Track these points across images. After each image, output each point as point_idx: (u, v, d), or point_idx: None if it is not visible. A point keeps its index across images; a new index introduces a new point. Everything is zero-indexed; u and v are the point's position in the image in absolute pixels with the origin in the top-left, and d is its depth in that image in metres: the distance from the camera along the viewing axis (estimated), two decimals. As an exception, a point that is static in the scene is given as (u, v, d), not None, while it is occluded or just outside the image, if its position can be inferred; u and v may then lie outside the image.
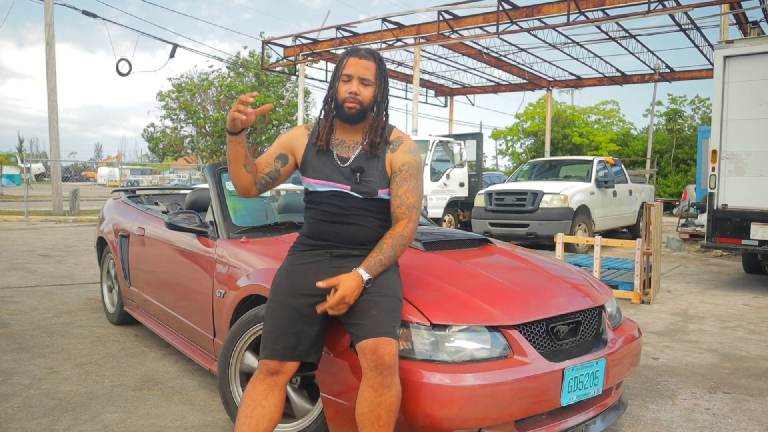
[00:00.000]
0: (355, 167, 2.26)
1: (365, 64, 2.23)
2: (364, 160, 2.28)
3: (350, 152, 2.29)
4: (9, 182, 44.15)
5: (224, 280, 2.98)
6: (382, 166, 2.29)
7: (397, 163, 2.30)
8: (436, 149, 12.26)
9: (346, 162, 2.28)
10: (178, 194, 5.73)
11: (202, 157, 24.24)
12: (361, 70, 2.22)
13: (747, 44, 6.68)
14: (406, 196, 2.28)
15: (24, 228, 12.93)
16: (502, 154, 34.98)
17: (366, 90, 2.23)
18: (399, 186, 2.29)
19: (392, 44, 15.01)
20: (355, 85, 2.21)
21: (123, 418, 2.90)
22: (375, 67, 2.24)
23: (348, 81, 2.23)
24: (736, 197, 6.59)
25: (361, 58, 2.23)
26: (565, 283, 2.74)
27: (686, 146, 25.84)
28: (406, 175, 2.29)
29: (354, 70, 2.22)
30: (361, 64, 2.22)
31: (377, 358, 2.02)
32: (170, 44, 17.18)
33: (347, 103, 2.22)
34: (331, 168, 2.28)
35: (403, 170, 2.29)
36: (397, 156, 2.30)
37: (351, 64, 2.23)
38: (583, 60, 17.04)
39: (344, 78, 2.23)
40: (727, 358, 4.11)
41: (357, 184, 2.25)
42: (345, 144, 2.31)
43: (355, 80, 2.22)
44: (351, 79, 2.22)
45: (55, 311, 5.07)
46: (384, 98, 2.29)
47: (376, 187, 2.27)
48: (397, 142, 2.33)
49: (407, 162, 2.30)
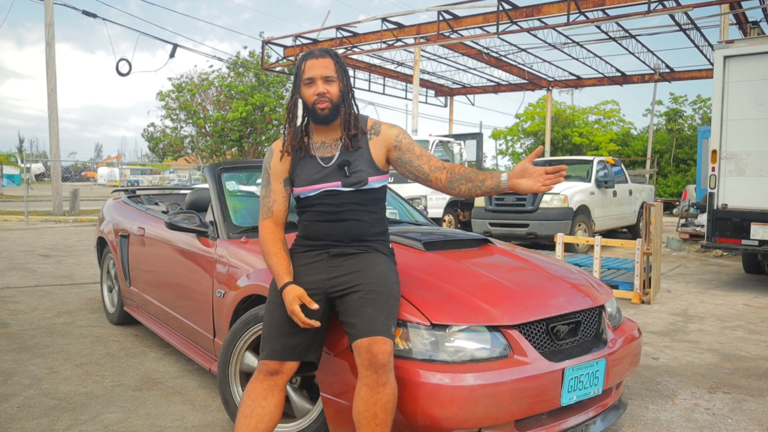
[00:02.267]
0: (341, 162, 2.27)
1: (323, 62, 2.23)
2: (348, 153, 2.28)
3: (333, 150, 2.30)
4: (9, 182, 44.16)
5: (224, 280, 2.98)
6: (368, 154, 2.30)
7: (391, 138, 2.32)
8: (436, 149, 12.26)
9: (330, 161, 2.28)
10: (178, 194, 5.73)
11: (202, 157, 24.23)
12: (321, 70, 2.22)
13: (747, 44, 6.68)
14: (427, 157, 2.33)
15: (24, 228, 12.93)
16: (502, 154, 35.00)
17: (332, 87, 2.23)
18: (411, 150, 2.32)
19: (392, 44, 15.01)
20: (321, 86, 2.21)
21: (123, 418, 2.90)
22: (333, 63, 2.24)
23: (311, 84, 2.22)
24: (736, 197, 6.59)
25: (318, 58, 2.23)
26: (565, 283, 2.74)
27: (686, 146, 25.85)
28: (408, 142, 2.33)
29: (315, 72, 2.21)
30: (319, 64, 2.22)
31: (371, 356, 2.03)
32: (170, 44, 17.21)
33: (318, 105, 2.21)
34: (316, 172, 2.28)
35: (401, 140, 2.33)
36: (384, 135, 2.33)
37: (309, 67, 2.22)
38: (583, 60, 17.05)
39: (306, 82, 2.23)
40: (727, 358, 4.11)
41: (347, 177, 2.26)
42: (326, 144, 2.31)
43: (318, 81, 2.21)
44: (314, 81, 2.22)
45: (55, 311, 5.07)
46: (349, 90, 2.30)
47: (365, 176, 2.27)
48: (376, 125, 2.36)
49: (399, 132, 2.34)
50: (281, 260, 2.24)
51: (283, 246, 2.30)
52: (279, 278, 2.20)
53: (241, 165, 3.76)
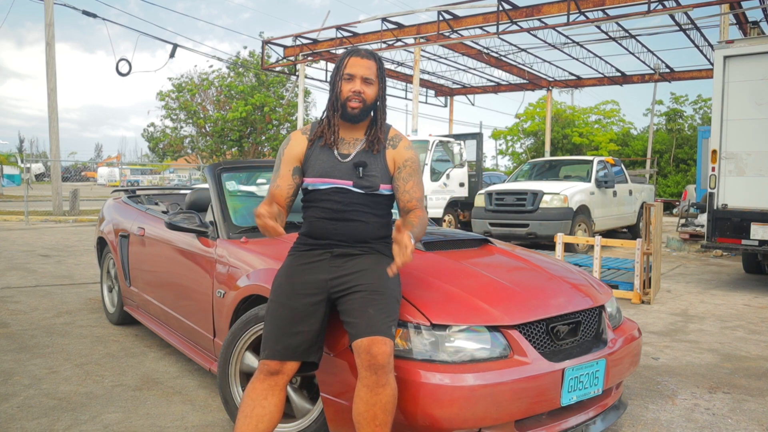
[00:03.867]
0: (357, 162, 2.28)
1: (367, 63, 2.26)
2: (366, 155, 2.30)
3: (351, 149, 2.32)
4: (9, 182, 44.17)
5: (224, 280, 2.98)
6: (384, 162, 2.33)
7: (401, 159, 2.35)
8: (436, 149, 12.25)
9: (347, 158, 2.30)
10: (178, 194, 5.73)
11: (202, 157, 24.24)
12: (363, 70, 2.25)
13: (747, 44, 6.68)
14: (414, 190, 2.36)
15: (24, 228, 12.93)
16: (502, 154, 35.00)
17: (369, 89, 2.27)
18: (406, 182, 2.35)
19: (392, 44, 15.01)
20: (359, 84, 2.25)
21: (123, 418, 2.90)
22: (376, 67, 2.28)
23: (350, 80, 2.26)
24: (736, 197, 6.59)
25: (363, 57, 2.26)
26: (565, 283, 2.74)
27: (686, 146, 25.84)
28: (411, 170, 2.36)
29: (356, 70, 2.25)
30: (362, 64, 2.26)
31: (371, 357, 2.03)
32: (170, 44, 17.20)
33: (351, 102, 2.25)
34: (331, 165, 2.29)
35: (407, 166, 2.35)
36: (399, 152, 2.35)
37: (353, 64, 2.25)
38: (583, 60, 17.05)
39: (346, 77, 2.26)
40: (727, 358, 4.11)
41: (359, 178, 2.27)
42: (345, 141, 2.34)
43: (357, 79, 2.25)
44: (353, 78, 2.25)
45: (55, 311, 5.07)
46: (384, 97, 2.35)
47: (378, 182, 2.30)
48: (396, 138, 2.38)
49: (410, 158, 2.37)
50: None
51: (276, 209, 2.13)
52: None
53: (241, 165, 3.77)
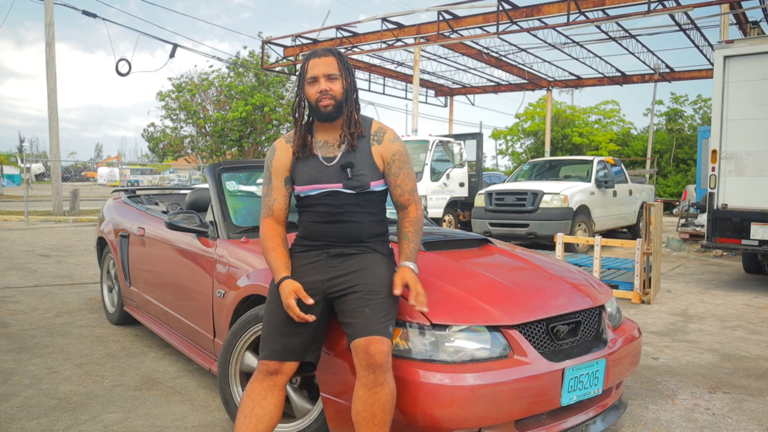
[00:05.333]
0: (344, 163, 2.27)
1: (325, 61, 2.25)
2: (351, 155, 2.29)
3: (335, 150, 2.30)
4: (9, 182, 44.18)
5: (224, 280, 2.98)
6: (370, 158, 2.31)
7: (388, 154, 2.34)
8: (436, 149, 12.25)
9: (333, 161, 2.29)
10: (178, 194, 5.73)
11: (202, 157, 24.22)
12: (324, 68, 2.24)
13: (747, 44, 6.68)
14: (405, 183, 2.36)
15: (24, 228, 12.93)
16: (502, 154, 35.00)
17: (334, 84, 2.25)
18: (396, 176, 2.35)
19: (392, 44, 15.02)
20: (324, 83, 2.23)
21: (123, 418, 2.90)
22: (336, 61, 2.26)
23: (314, 82, 2.24)
24: (736, 197, 6.59)
25: (320, 56, 2.26)
26: (565, 283, 2.74)
27: (686, 146, 25.84)
28: (400, 163, 2.35)
29: (317, 71, 2.24)
30: (322, 62, 2.25)
31: (368, 356, 2.03)
32: (170, 44, 17.21)
33: (321, 102, 2.23)
34: (318, 171, 2.28)
35: (396, 159, 2.34)
36: (385, 147, 2.33)
37: (312, 66, 2.25)
38: (583, 60, 17.06)
39: (309, 81, 2.25)
40: (727, 358, 4.11)
41: (349, 179, 2.26)
42: (329, 144, 2.32)
43: (321, 79, 2.23)
44: (317, 79, 2.24)
45: (55, 311, 5.07)
46: (353, 89, 2.31)
47: (367, 180, 2.28)
48: (380, 132, 2.35)
49: (397, 150, 2.35)
50: (280, 255, 2.26)
51: (282, 243, 2.31)
52: (276, 272, 2.21)
53: (241, 165, 3.76)
